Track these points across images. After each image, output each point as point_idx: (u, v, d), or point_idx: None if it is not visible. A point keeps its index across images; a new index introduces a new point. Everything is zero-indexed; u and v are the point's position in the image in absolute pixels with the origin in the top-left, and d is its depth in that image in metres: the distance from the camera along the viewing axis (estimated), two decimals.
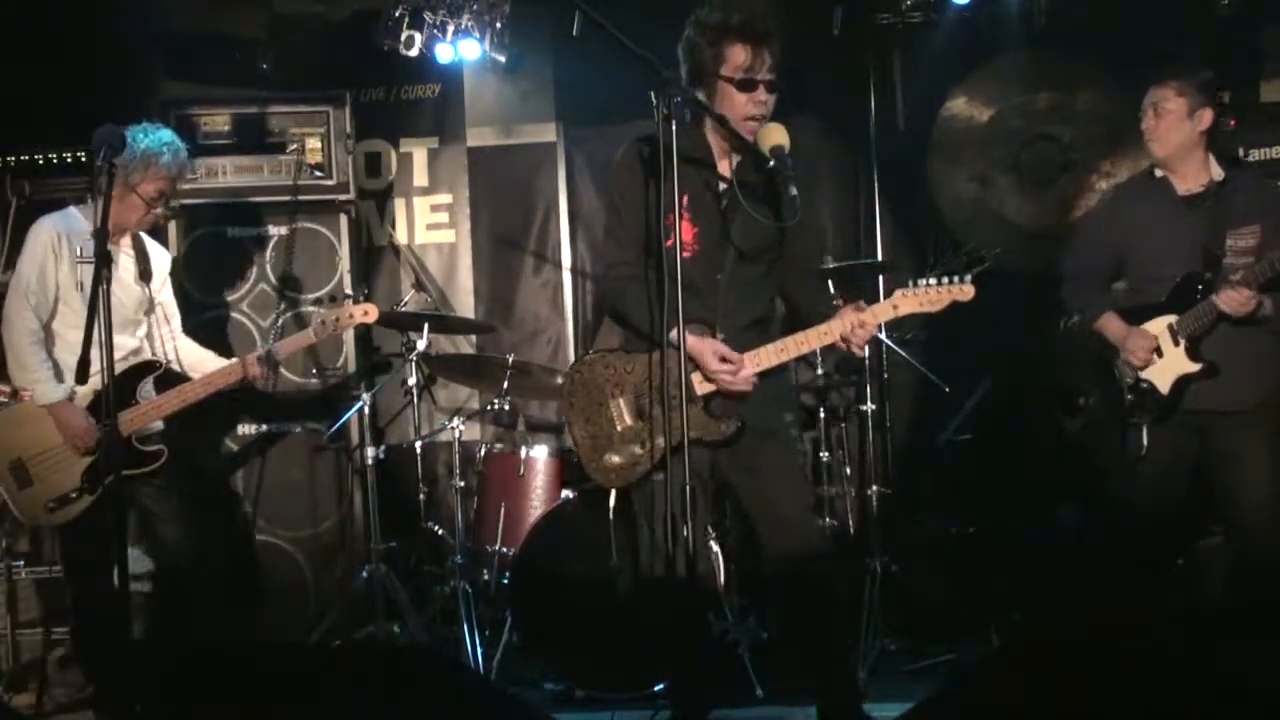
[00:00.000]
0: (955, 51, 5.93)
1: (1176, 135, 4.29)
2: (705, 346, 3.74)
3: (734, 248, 3.80)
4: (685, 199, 3.72)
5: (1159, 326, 4.31)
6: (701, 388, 3.79)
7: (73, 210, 4.60)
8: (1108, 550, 4.68)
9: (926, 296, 3.76)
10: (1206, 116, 4.30)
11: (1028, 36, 5.84)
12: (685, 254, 3.68)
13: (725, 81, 3.73)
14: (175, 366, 4.76)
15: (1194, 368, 4.25)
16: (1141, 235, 4.39)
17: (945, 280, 3.74)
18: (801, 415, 4.22)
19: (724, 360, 3.73)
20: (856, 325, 3.72)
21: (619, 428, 3.87)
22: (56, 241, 4.48)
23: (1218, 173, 4.33)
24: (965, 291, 3.77)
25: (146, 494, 4.52)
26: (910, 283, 3.78)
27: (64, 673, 5.18)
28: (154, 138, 4.50)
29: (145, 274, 4.66)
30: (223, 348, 5.15)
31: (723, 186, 3.82)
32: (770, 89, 3.74)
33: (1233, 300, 4.13)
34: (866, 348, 3.87)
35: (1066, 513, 5.56)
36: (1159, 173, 4.40)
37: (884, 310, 3.78)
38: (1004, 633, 5.20)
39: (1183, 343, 4.26)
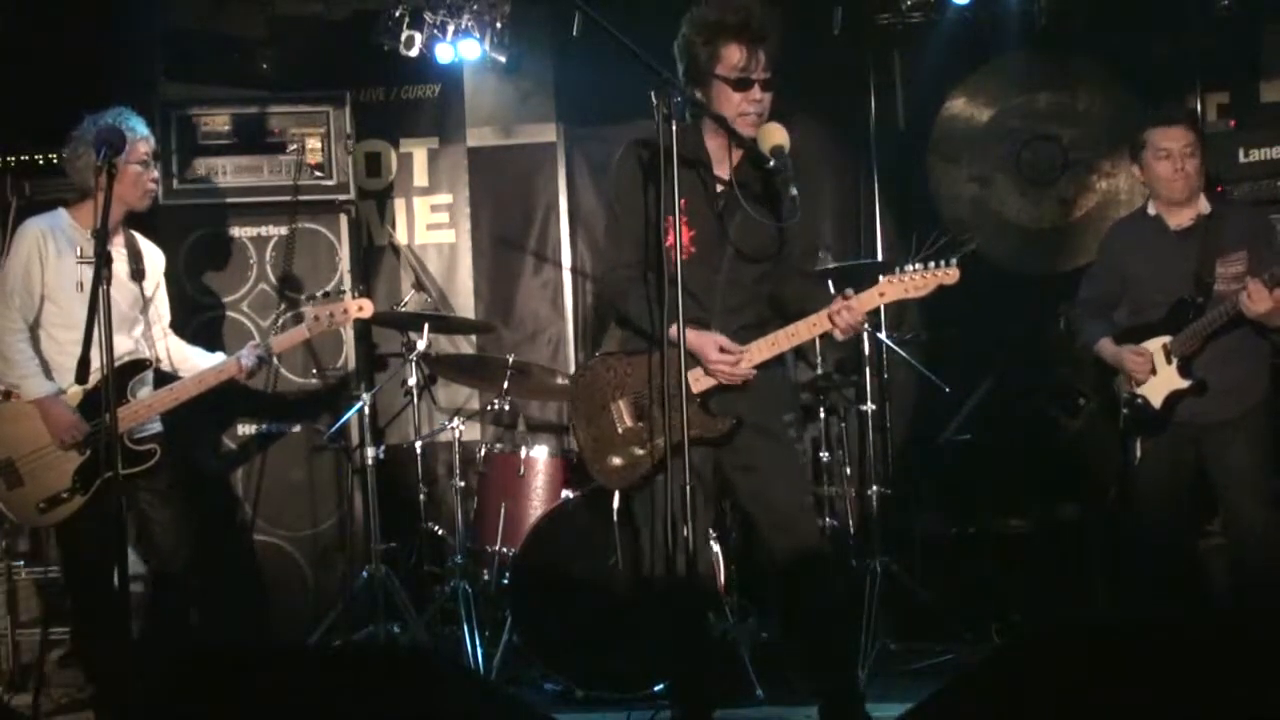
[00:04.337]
0: (955, 51, 5.92)
1: (1199, 179, 4.51)
2: (706, 339, 3.75)
3: (731, 249, 3.81)
4: (684, 202, 3.71)
5: (1155, 346, 4.52)
6: (698, 385, 3.78)
7: (62, 211, 4.59)
8: (1108, 550, 4.73)
9: (912, 282, 3.71)
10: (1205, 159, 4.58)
11: (1028, 36, 5.84)
12: (682, 256, 3.68)
13: (721, 81, 3.73)
14: (165, 366, 4.73)
15: (1184, 384, 4.46)
16: (1139, 267, 4.62)
17: (930, 265, 3.69)
18: (801, 415, 4.22)
19: (724, 351, 3.74)
20: (843, 309, 3.69)
21: (620, 430, 3.88)
22: (42, 241, 4.46)
23: (1205, 206, 4.54)
24: (950, 275, 3.71)
25: (145, 499, 4.51)
26: (896, 269, 3.73)
27: (64, 673, 5.19)
28: (112, 113, 4.49)
29: (138, 273, 4.65)
30: (222, 348, 5.12)
31: (720, 188, 3.83)
32: (766, 87, 3.74)
33: (1252, 296, 4.22)
34: (864, 335, 3.81)
35: (1066, 512, 5.57)
36: (1152, 210, 4.61)
37: (869, 298, 3.74)
38: (1004, 633, 5.21)
39: (1175, 361, 4.47)
